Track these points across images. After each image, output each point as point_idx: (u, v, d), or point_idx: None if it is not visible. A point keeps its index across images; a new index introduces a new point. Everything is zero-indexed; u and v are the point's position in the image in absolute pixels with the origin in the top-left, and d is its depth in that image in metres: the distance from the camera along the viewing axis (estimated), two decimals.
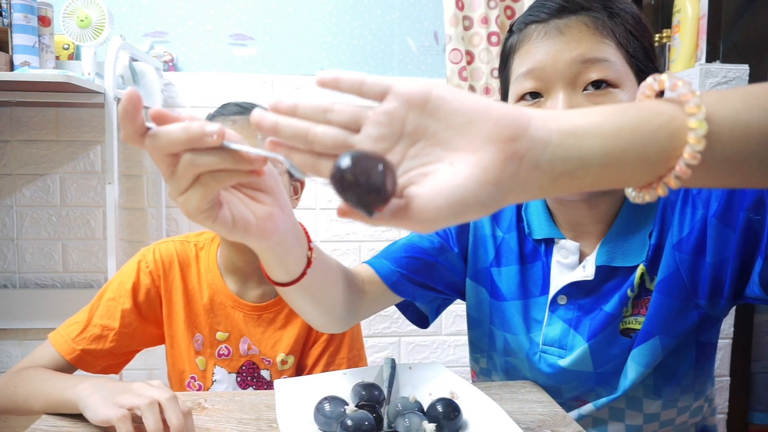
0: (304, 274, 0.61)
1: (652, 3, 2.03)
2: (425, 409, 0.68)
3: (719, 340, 1.75)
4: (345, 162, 0.36)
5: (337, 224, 2.01)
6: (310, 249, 0.62)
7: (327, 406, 0.66)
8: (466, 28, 1.93)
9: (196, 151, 0.42)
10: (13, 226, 1.93)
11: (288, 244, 0.57)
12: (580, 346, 0.77)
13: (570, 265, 0.79)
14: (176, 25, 1.95)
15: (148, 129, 0.43)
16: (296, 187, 1.04)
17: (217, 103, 1.99)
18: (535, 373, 0.83)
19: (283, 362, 1.01)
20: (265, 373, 1.01)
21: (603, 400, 0.79)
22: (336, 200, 1.52)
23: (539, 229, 0.81)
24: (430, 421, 0.64)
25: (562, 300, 0.79)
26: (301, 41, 2.00)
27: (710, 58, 1.69)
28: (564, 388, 0.82)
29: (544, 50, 0.68)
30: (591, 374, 0.78)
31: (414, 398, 0.70)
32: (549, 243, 0.81)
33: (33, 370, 0.85)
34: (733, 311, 1.74)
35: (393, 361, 0.80)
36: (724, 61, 1.67)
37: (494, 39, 1.91)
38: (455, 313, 2.00)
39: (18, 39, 1.57)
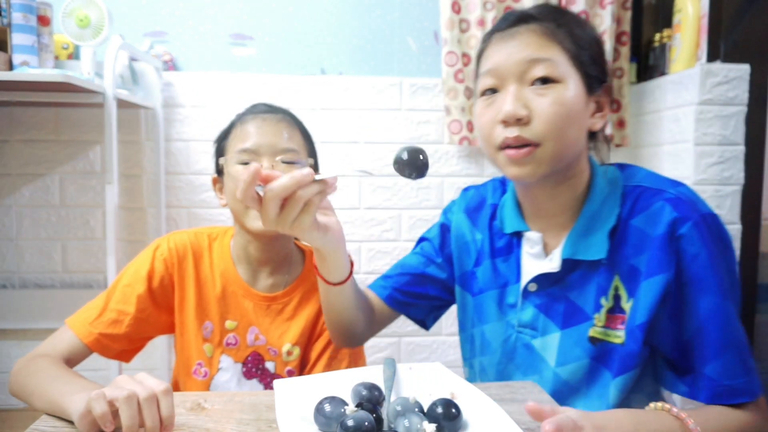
0: (351, 274, 0.86)
1: (652, 3, 2.02)
2: (425, 410, 0.68)
3: None
4: (404, 153, 0.67)
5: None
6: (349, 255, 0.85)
7: (327, 407, 0.66)
8: (462, 31, 1.93)
9: (303, 189, 0.67)
10: (13, 226, 1.93)
11: (343, 246, 0.82)
12: (552, 332, 0.85)
13: (537, 254, 0.88)
14: (176, 25, 1.95)
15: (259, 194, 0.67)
16: None
17: (216, 102, 2.00)
18: (507, 365, 0.90)
19: (289, 353, 1.03)
20: (269, 365, 1.04)
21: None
22: (335, 200, 1.52)
23: (510, 223, 0.91)
24: (430, 422, 0.63)
25: (533, 287, 0.87)
26: (301, 41, 1.99)
27: (711, 58, 1.68)
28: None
29: (500, 53, 0.81)
30: (551, 373, 0.84)
31: (414, 398, 0.69)
32: (519, 236, 0.91)
33: (45, 362, 0.86)
34: None
35: (393, 361, 0.80)
36: (725, 60, 1.67)
37: None
38: (455, 314, 1.99)
39: (17, 38, 1.56)
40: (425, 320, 1.03)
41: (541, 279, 0.86)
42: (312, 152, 1.07)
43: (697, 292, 0.76)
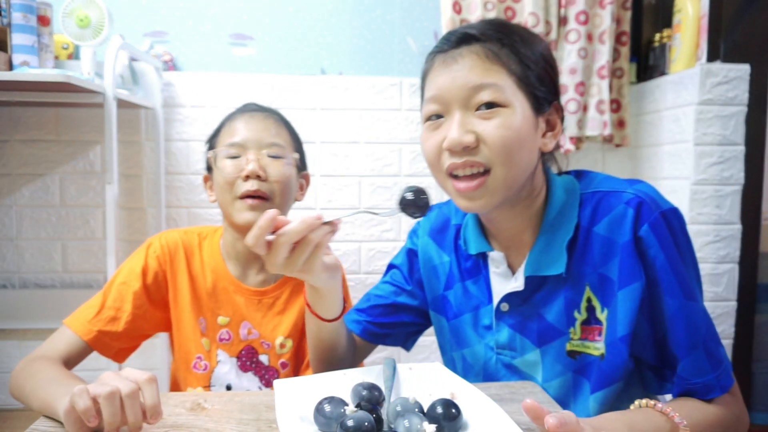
0: (343, 311, 0.86)
1: (652, 3, 2.02)
2: (425, 410, 0.68)
3: (721, 340, 1.75)
4: (409, 193, 0.73)
5: None
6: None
7: (327, 407, 0.66)
8: None
9: (314, 232, 0.69)
10: (13, 226, 1.93)
11: (340, 284, 0.82)
12: (531, 351, 0.84)
13: (503, 274, 0.86)
14: (176, 25, 1.95)
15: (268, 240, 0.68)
16: (302, 183, 1.12)
17: (217, 103, 2.00)
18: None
19: (282, 345, 1.06)
20: (263, 358, 1.05)
21: None
22: (335, 200, 1.53)
23: (474, 245, 0.89)
24: (430, 422, 0.63)
25: (505, 307, 0.86)
26: (301, 41, 1.99)
27: (711, 58, 1.69)
28: None
29: (443, 77, 0.78)
30: (540, 387, 0.82)
31: (414, 399, 0.69)
32: (485, 256, 0.89)
33: (42, 364, 0.86)
34: (733, 312, 1.74)
35: (393, 361, 0.80)
36: (725, 60, 1.67)
37: None
38: None
39: (17, 39, 1.56)
40: (404, 345, 1.02)
41: (511, 298, 0.85)
42: (299, 149, 1.08)
43: (661, 294, 0.76)
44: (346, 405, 0.67)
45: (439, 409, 0.66)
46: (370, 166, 2.00)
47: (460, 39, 0.78)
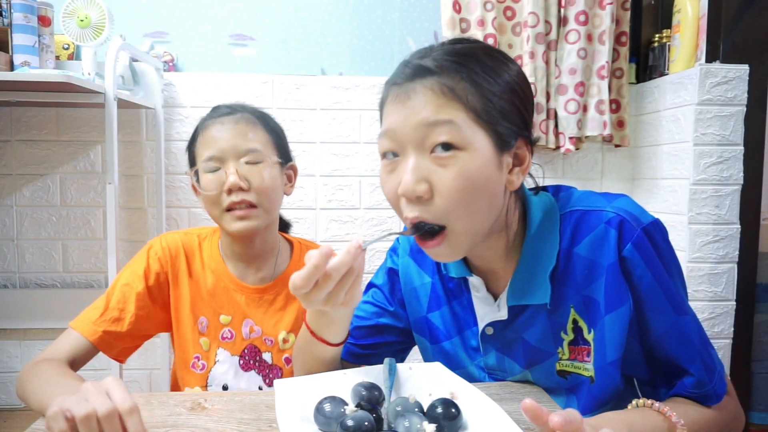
0: (347, 336, 0.85)
1: (652, 3, 2.03)
2: (425, 410, 0.68)
3: (720, 340, 1.75)
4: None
5: (336, 224, 2.01)
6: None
7: (327, 406, 0.66)
8: (463, 31, 1.93)
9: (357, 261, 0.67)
10: (13, 226, 1.93)
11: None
12: (520, 371, 0.83)
13: (483, 299, 0.84)
14: (176, 25, 1.95)
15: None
16: (290, 175, 1.10)
17: (217, 103, 1.99)
18: None
19: (285, 340, 1.07)
20: (266, 356, 1.07)
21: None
22: (335, 200, 1.53)
23: (453, 269, 0.86)
24: (430, 422, 0.64)
25: (489, 331, 0.84)
26: (301, 41, 2.00)
27: (710, 58, 1.69)
28: None
29: (395, 114, 0.71)
30: (539, 387, 0.84)
31: (414, 398, 0.70)
32: (466, 279, 0.86)
33: (46, 366, 0.88)
34: (732, 312, 1.75)
35: (393, 361, 0.80)
36: (724, 61, 1.67)
37: (490, 42, 1.91)
38: None
39: (18, 39, 1.57)
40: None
41: (495, 324, 0.82)
42: (278, 142, 1.06)
43: (649, 313, 0.75)
44: (346, 405, 0.67)
45: (439, 409, 0.66)
46: (370, 166, 2.00)
47: (414, 72, 0.71)
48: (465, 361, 0.88)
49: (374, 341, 0.93)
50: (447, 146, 0.68)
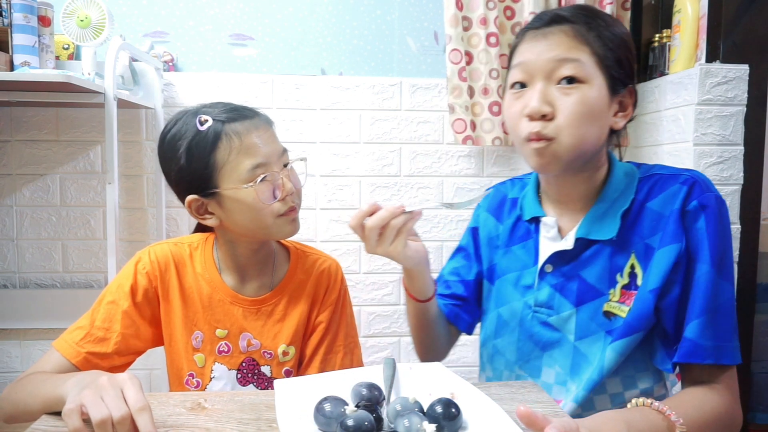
0: (435, 292, 0.98)
1: (652, 3, 2.03)
2: (425, 410, 0.68)
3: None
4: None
5: (337, 224, 2.01)
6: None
7: (327, 406, 0.66)
8: (465, 29, 1.93)
9: (395, 219, 0.82)
10: (13, 226, 1.93)
11: (428, 267, 0.94)
12: (567, 309, 0.90)
13: (553, 238, 0.94)
14: (176, 25, 1.95)
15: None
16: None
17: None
18: (526, 342, 0.94)
19: (285, 353, 1.02)
20: (265, 369, 1.02)
21: (582, 393, 0.86)
22: (335, 199, 1.54)
23: (529, 211, 0.98)
24: (430, 422, 0.64)
25: (549, 268, 0.93)
26: (301, 41, 2.00)
27: (710, 58, 1.69)
28: (545, 363, 0.92)
29: (531, 50, 0.86)
30: (570, 347, 0.89)
31: (414, 398, 0.70)
32: (537, 223, 0.97)
33: (33, 375, 0.85)
34: None
35: (393, 361, 0.80)
36: (724, 61, 1.67)
37: (492, 40, 1.91)
38: None
39: (18, 39, 1.57)
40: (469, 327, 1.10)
41: (556, 259, 0.91)
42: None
43: (693, 262, 0.82)
44: (346, 405, 0.67)
45: (439, 409, 0.66)
46: (370, 166, 2.00)
47: (552, 19, 0.86)
48: (512, 296, 0.97)
49: (467, 295, 1.07)
50: (571, 80, 0.82)
